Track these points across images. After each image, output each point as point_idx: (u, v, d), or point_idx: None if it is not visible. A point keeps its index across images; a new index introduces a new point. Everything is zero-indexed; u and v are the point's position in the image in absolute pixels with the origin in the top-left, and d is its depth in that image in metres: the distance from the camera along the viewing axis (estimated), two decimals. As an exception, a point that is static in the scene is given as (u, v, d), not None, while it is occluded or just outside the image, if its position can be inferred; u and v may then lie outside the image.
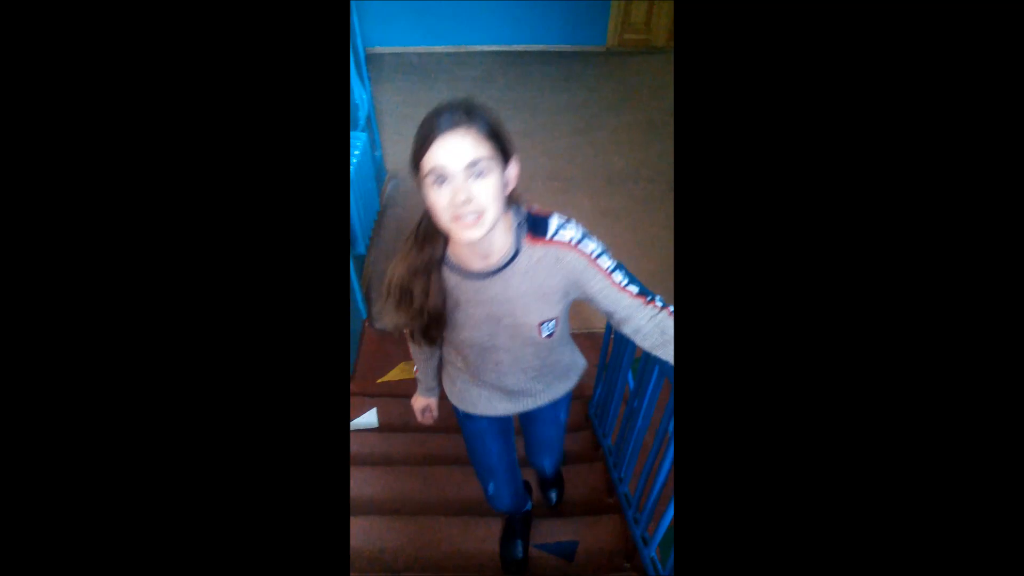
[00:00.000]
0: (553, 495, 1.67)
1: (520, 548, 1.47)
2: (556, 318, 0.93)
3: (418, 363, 1.19)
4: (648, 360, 1.30)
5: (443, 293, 0.90)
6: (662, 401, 1.25)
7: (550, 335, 0.94)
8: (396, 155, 3.40)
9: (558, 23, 5.10)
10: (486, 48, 5.22)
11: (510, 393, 1.10)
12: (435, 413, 1.30)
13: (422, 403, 1.29)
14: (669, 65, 4.91)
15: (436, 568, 1.43)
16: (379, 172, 3.18)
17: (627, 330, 0.92)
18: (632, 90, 4.54)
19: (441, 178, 0.73)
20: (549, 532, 1.52)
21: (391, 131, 3.55)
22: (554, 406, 1.20)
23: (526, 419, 1.30)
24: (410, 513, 1.55)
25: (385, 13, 4.88)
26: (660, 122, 4.00)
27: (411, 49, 5.10)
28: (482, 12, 5.03)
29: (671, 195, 3.17)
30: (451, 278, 0.90)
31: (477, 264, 0.87)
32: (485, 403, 1.13)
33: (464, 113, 0.74)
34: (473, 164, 0.73)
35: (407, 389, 2.17)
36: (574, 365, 1.16)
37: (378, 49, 5.04)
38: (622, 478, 1.55)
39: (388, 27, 5.00)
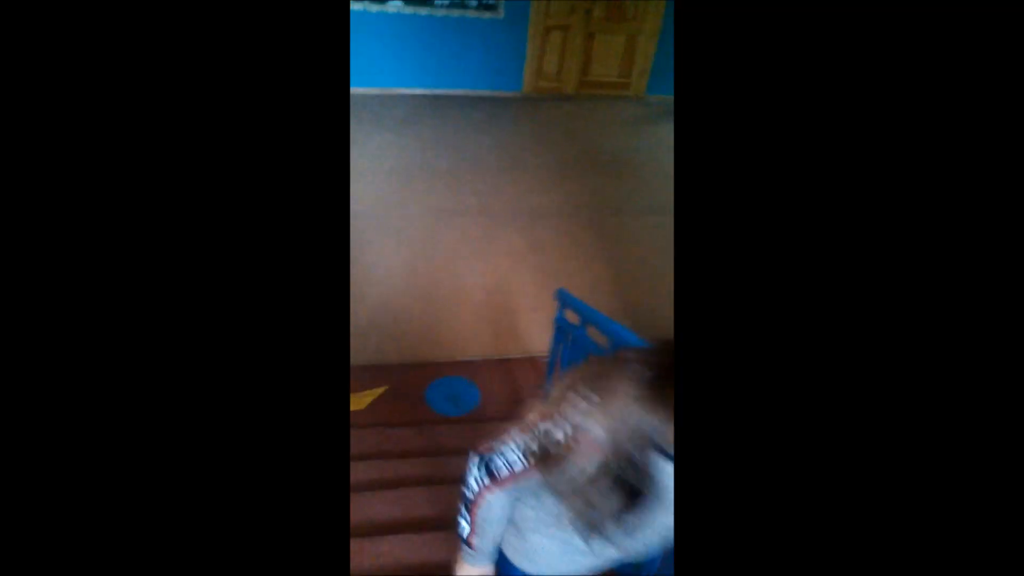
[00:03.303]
0: None
1: None
2: None
3: (487, 523, 0.82)
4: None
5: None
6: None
7: None
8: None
9: (479, 70, 5.46)
10: (411, 92, 5.43)
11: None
12: None
13: None
14: (578, 111, 5.41)
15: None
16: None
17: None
18: (546, 133, 4.94)
19: None
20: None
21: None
22: None
23: None
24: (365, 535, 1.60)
25: (308, 54, 4.94)
26: (572, 163, 4.39)
27: (334, 89, 5.18)
28: (407, 57, 5.26)
29: (590, 229, 3.50)
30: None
31: None
32: (544, 555, 0.83)
33: None
34: None
35: (359, 419, 2.22)
36: None
37: (301, 88, 5.07)
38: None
39: (311, 68, 5.05)
